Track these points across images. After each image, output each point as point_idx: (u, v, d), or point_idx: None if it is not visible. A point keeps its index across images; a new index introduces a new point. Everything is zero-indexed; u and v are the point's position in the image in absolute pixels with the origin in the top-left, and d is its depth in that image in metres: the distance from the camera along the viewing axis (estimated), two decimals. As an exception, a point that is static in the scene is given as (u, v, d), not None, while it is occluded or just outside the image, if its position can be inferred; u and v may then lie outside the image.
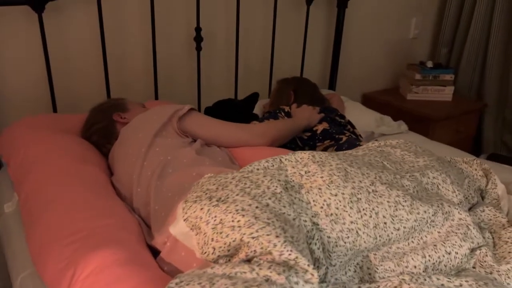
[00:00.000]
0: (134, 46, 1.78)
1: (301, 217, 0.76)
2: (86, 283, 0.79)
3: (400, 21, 2.63)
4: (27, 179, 1.14)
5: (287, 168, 0.88)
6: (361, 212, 0.81)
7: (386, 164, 0.96)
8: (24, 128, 1.39)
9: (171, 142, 1.20)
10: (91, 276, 0.79)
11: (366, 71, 2.63)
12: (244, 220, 0.67)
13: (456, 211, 0.87)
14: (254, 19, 2.04)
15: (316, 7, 2.22)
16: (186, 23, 1.86)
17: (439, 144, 1.87)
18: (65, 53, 1.64)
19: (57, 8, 1.58)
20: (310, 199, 0.81)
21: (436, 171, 0.96)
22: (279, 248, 0.64)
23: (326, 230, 0.79)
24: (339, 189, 0.82)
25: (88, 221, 0.94)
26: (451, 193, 0.94)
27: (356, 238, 0.80)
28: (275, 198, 0.74)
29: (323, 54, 2.38)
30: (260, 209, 0.70)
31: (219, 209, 0.69)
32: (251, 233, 0.66)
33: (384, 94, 2.64)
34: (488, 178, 1.18)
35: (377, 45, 2.60)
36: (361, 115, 1.99)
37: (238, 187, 0.76)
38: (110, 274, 0.78)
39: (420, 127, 2.36)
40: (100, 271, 0.79)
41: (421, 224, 0.84)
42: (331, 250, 0.79)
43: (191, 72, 1.96)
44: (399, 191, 0.85)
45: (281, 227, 0.68)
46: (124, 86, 1.81)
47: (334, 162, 0.88)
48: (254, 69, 2.14)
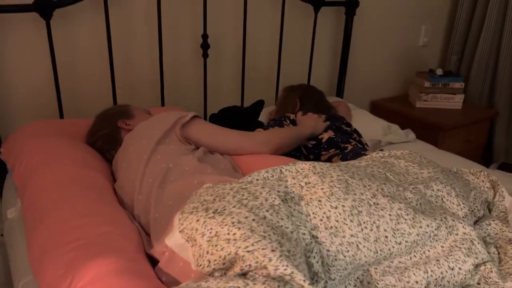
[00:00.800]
0: (141, 52, 1.78)
1: (299, 230, 0.75)
2: (84, 291, 0.78)
3: (409, 28, 2.61)
4: (30, 185, 1.14)
5: (287, 179, 0.86)
6: (361, 225, 0.79)
7: (389, 176, 0.94)
8: (29, 134, 1.40)
9: (173, 149, 1.19)
10: (88, 285, 0.79)
11: (374, 79, 2.61)
12: (240, 233, 0.66)
13: (461, 225, 0.85)
14: (262, 26, 2.04)
15: (324, 15, 2.21)
16: (193, 30, 1.86)
17: (448, 154, 1.84)
18: (72, 59, 1.65)
19: (65, 15, 1.59)
20: (310, 211, 0.79)
21: (441, 184, 0.94)
22: (274, 263, 0.63)
23: (326, 243, 0.77)
24: (340, 202, 0.80)
25: (87, 228, 0.93)
26: (456, 206, 0.92)
27: (356, 252, 0.78)
28: (273, 211, 0.73)
29: (331, 61, 2.37)
30: (257, 221, 0.69)
31: (215, 221, 0.69)
32: (246, 246, 0.65)
33: (393, 101, 2.61)
34: (495, 190, 1.15)
35: (386, 53, 2.58)
36: (368, 123, 1.97)
37: (235, 198, 0.75)
38: (107, 285, 0.77)
39: (429, 135, 2.33)
40: (97, 280, 0.79)
41: (424, 238, 0.82)
42: (330, 264, 0.77)
43: (198, 79, 1.95)
44: (401, 204, 0.83)
45: (277, 241, 0.66)
46: (131, 92, 1.82)
47: (335, 173, 0.87)
48: (261, 76, 2.13)
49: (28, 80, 1.59)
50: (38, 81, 1.61)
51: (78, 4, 1.59)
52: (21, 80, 1.58)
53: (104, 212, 1.01)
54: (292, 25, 2.13)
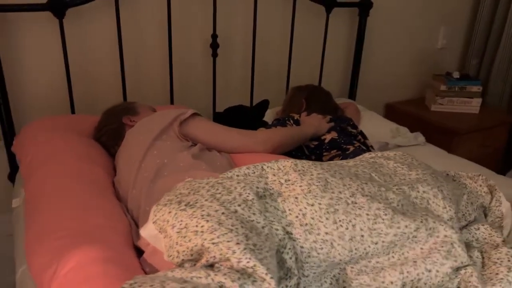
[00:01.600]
0: (152, 51, 1.82)
1: (272, 226, 0.76)
2: (65, 279, 0.81)
3: (427, 30, 2.57)
4: (33, 177, 1.19)
5: (267, 176, 0.87)
6: (337, 223, 0.79)
7: (374, 176, 0.94)
8: (38, 128, 1.45)
9: (170, 145, 1.22)
10: (70, 272, 0.82)
11: (389, 81, 2.57)
12: (207, 226, 0.68)
13: (442, 228, 0.83)
14: (273, 26, 2.05)
15: (337, 15, 2.20)
16: (203, 30, 1.89)
17: (458, 158, 1.80)
18: (84, 57, 1.71)
19: (78, 14, 1.64)
20: (286, 207, 0.80)
21: (428, 185, 0.93)
22: (237, 255, 0.64)
23: (300, 240, 0.78)
24: (316, 199, 0.81)
25: (78, 220, 0.97)
26: (441, 208, 0.90)
27: (330, 249, 0.78)
28: (245, 205, 0.74)
29: (344, 62, 2.36)
30: (226, 215, 0.70)
31: (185, 213, 0.70)
32: (212, 238, 0.66)
33: (408, 104, 2.57)
34: (493, 195, 1.13)
35: (402, 55, 2.55)
36: (377, 125, 1.95)
37: (209, 192, 0.76)
38: (87, 271, 0.80)
39: (444, 139, 2.28)
40: (79, 268, 0.82)
41: (402, 239, 0.82)
42: (303, 261, 0.78)
43: (207, 78, 1.98)
44: (380, 204, 0.83)
45: (244, 234, 0.68)
46: (141, 91, 1.86)
47: (316, 171, 0.87)
48: (271, 76, 2.15)
49: (42, 77, 1.65)
50: (52, 77, 1.67)
51: (91, 4, 1.64)
52: (35, 76, 1.64)
53: (97, 205, 1.04)
54: (303, 25, 2.13)
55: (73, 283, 0.79)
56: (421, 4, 2.47)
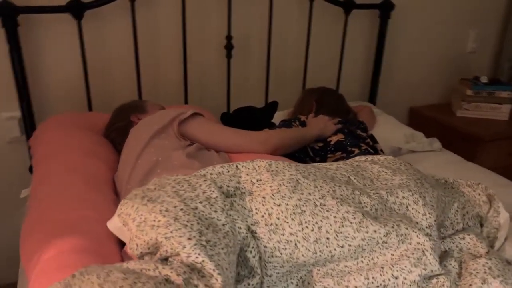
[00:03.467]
0: (168, 51, 1.87)
1: (235, 224, 0.77)
2: (45, 265, 0.86)
3: (455, 33, 2.48)
4: (37, 170, 1.26)
5: (241, 175, 0.88)
6: (302, 224, 0.79)
7: (353, 179, 0.92)
8: (53, 124, 1.53)
9: (167, 144, 1.25)
10: (50, 259, 0.86)
11: (413, 85, 2.50)
12: (163, 221, 0.70)
13: (415, 235, 0.81)
14: (290, 28, 2.05)
15: (357, 17, 2.17)
16: (220, 31, 1.92)
17: (476, 167, 1.72)
18: (102, 57, 1.78)
19: (96, 16, 1.72)
20: (253, 207, 0.81)
21: (409, 191, 0.90)
22: (187, 250, 0.66)
23: (263, 239, 0.78)
24: (284, 200, 0.81)
25: (69, 212, 1.01)
26: (421, 215, 0.88)
27: (293, 250, 0.78)
28: (207, 203, 0.75)
29: (364, 65, 2.32)
30: (185, 211, 0.72)
31: (146, 208, 0.73)
32: (165, 233, 0.68)
33: (433, 109, 2.49)
34: (491, 204, 1.08)
35: (427, 58, 2.47)
36: (391, 129, 1.90)
37: (174, 188, 0.78)
38: (63, 260, 0.85)
39: (468, 147, 2.20)
40: (57, 256, 0.86)
41: (371, 244, 0.80)
42: (266, 260, 0.78)
43: (223, 79, 2.01)
44: (350, 207, 0.81)
45: (198, 231, 0.69)
46: (157, 90, 1.92)
47: (289, 172, 0.87)
48: (288, 78, 2.15)
49: (62, 75, 1.74)
50: (71, 76, 1.75)
51: (108, 6, 1.71)
52: (56, 74, 1.73)
53: (91, 199, 1.09)
54: (321, 27, 2.12)
55: (50, 270, 0.83)
56: (449, 7, 2.39)
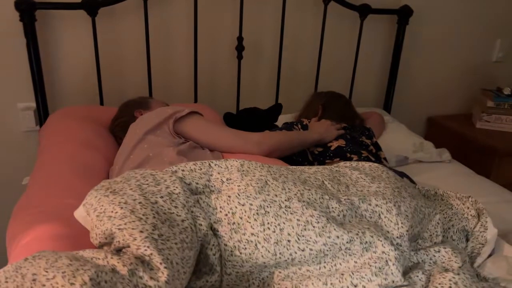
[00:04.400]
0: (180, 50, 1.90)
1: (197, 221, 0.77)
2: (22, 249, 0.89)
3: (481, 41, 2.40)
4: (39, 159, 1.31)
5: (212, 173, 0.89)
6: (264, 225, 0.79)
7: (326, 184, 0.91)
8: (62, 117, 1.58)
9: (160, 140, 1.27)
10: (28, 244, 0.90)
11: (432, 94, 2.44)
12: (120, 212, 0.71)
13: (380, 243, 0.79)
14: (303, 30, 2.04)
15: (374, 23, 2.14)
16: (232, 32, 1.94)
17: (485, 181, 1.63)
18: (115, 53, 1.83)
19: (110, 13, 1.77)
20: (218, 205, 0.81)
21: (383, 199, 0.88)
22: (137, 243, 0.67)
23: (224, 237, 0.79)
24: (249, 199, 0.81)
25: (54, 199, 1.05)
26: (393, 224, 0.86)
27: (253, 250, 0.78)
28: (168, 198, 0.77)
29: (379, 72, 2.28)
30: (143, 205, 0.73)
31: (107, 199, 0.75)
32: (119, 224, 0.70)
33: (453, 119, 2.42)
34: (480, 219, 1.04)
35: (449, 66, 2.40)
36: (400, 137, 1.86)
37: (138, 182, 0.80)
38: (38, 246, 0.88)
39: (483, 160, 2.12)
40: (33, 241, 0.90)
41: (333, 250, 0.79)
42: (226, 258, 0.78)
43: (234, 79, 2.02)
44: (315, 211, 0.81)
45: (152, 224, 0.70)
46: (168, 88, 1.95)
47: (259, 173, 0.87)
48: (299, 81, 2.14)
49: (76, 69, 1.80)
50: (85, 70, 1.81)
51: (122, 4, 1.76)
52: (70, 69, 1.79)
53: (77, 188, 1.12)
54: (336, 31, 2.10)
55: (25, 255, 0.87)
56: (475, 14, 2.31)
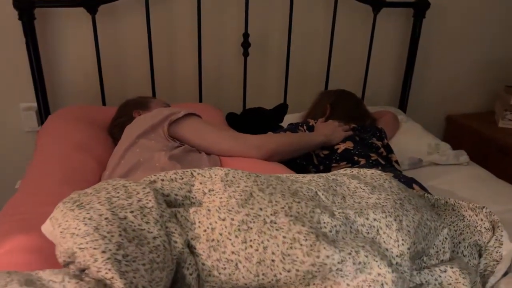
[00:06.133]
0: (184, 48, 1.84)
1: (171, 237, 0.71)
2: (-1, 260, 0.84)
3: (504, 35, 2.25)
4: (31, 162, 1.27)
5: (194, 183, 0.82)
6: (246, 243, 0.71)
7: (320, 195, 0.83)
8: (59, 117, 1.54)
9: (153, 144, 1.20)
10: (3, 255, 0.85)
11: (452, 91, 2.31)
12: (83, 229, 0.65)
13: (376, 264, 0.71)
14: (313, 25, 1.95)
15: (388, 16, 2.02)
16: (238, 28, 1.86)
17: (506, 186, 1.52)
18: (117, 52, 1.78)
19: (111, 11, 1.72)
20: (196, 219, 0.74)
21: (382, 213, 0.79)
22: (98, 264, 0.61)
23: (202, 256, 0.71)
24: (230, 214, 0.74)
25: (35, 206, 1.00)
26: (393, 241, 0.77)
27: (234, 271, 0.71)
28: (139, 212, 0.70)
29: (395, 68, 2.17)
30: (109, 221, 0.67)
31: (72, 214, 0.68)
32: (80, 243, 0.63)
33: (473, 118, 2.28)
34: (494, 232, 0.94)
35: (469, 62, 2.26)
36: (415, 138, 1.75)
37: (108, 194, 0.73)
38: (13, 258, 0.83)
39: (508, 162, 1.99)
40: (9, 253, 0.85)
41: (323, 271, 0.71)
42: (204, 279, 0.71)
43: (240, 78, 1.95)
44: (304, 227, 0.72)
45: (117, 243, 0.64)
46: (172, 87, 1.89)
47: (244, 183, 0.79)
48: (309, 79, 2.05)
49: (77, 68, 1.76)
50: (86, 69, 1.77)
51: (123, 1, 1.70)
52: (71, 68, 1.75)
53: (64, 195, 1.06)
54: (348, 26, 2.00)
55: (0, 267, 0.82)
56: (495, 6, 2.17)
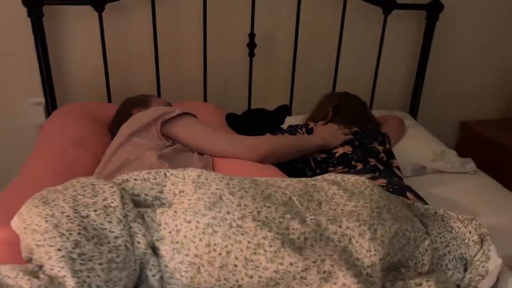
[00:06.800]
0: (190, 48, 1.84)
1: (135, 238, 0.70)
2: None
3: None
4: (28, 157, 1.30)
5: (166, 184, 0.81)
6: (210, 246, 0.70)
7: (294, 200, 0.81)
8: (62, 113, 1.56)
9: (145, 143, 1.21)
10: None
11: (466, 96, 2.23)
12: (44, 226, 0.65)
13: (341, 274, 0.68)
14: (320, 25, 1.93)
15: (399, 18, 1.97)
16: (244, 28, 1.85)
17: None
18: (123, 50, 1.80)
19: (117, 9, 1.74)
20: (162, 221, 0.74)
21: (356, 221, 0.77)
22: (52, 262, 0.61)
23: (165, 258, 0.71)
24: (196, 216, 0.73)
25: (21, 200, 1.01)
26: (365, 251, 0.74)
27: (195, 274, 0.70)
28: (102, 211, 0.70)
29: (406, 72, 2.11)
30: (70, 218, 0.67)
31: (37, 210, 0.69)
32: (38, 240, 0.64)
33: (489, 125, 2.21)
34: (482, 246, 0.90)
35: (486, 67, 2.19)
36: (419, 145, 1.71)
37: (75, 192, 0.73)
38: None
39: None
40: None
41: (287, 278, 0.69)
42: (166, 281, 0.71)
43: (246, 78, 1.94)
44: (270, 233, 0.71)
45: (75, 242, 0.64)
46: (178, 86, 1.90)
47: (215, 186, 0.78)
48: (316, 80, 2.02)
49: (84, 65, 1.79)
50: (92, 66, 1.79)
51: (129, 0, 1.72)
52: (78, 64, 1.78)
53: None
54: (357, 28, 1.96)
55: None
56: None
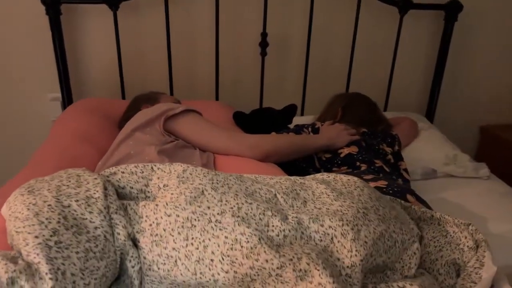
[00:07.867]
0: (202, 46, 1.86)
1: (115, 229, 0.71)
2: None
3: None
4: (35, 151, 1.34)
5: (152, 178, 0.82)
6: (188, 240, 0.71)
7: (279, 198, 0.80)
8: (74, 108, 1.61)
9: (147, 138, 1.22)
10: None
11: (486, 100, 2.16)
12: (25, 214, 0.67)
13: (317, 273, 0.67)
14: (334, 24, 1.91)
15: (416, 18, 1.94)
16: (256, 26, 1.86)
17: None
18: (138, 47, 1.83)
19: (133, 8, 1.77)
20: (144, 213, 0.74)
21: (339, 221, 0.76)
22: (28, 249, 0.63)
23: (145, 249, 0.72)
24: (176, 210, 0.73)
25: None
26: (346, 251, 0.73)
27: (172, 267, 0.70)
28: (84, 202, 0.71)
29: (423, 74, 2.07)
30: (51, 207, 0.69)
31: (22, 198, 0.71)
32: (18, 227, 0.66)
33: (510, 129, 2.13)
34: (477, 252, 0.87)
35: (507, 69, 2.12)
36: (432, 148, 1.66)
37: (60, 182, 0.75)
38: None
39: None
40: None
41: (262, 275, 0.68)
42: (145, 273, 0.72)
43: (258, 77, 1.94)
44: (247, 229, 0.71)
45: (53, 230, 0.65)
46: (191, 84, 1.92)
47: (198, 181, 0.79)
48: (329, 80, 2.01)
49: (99, 62, 1.84)
50: (107, 63, 1.84)
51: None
52: (93, 61, 1.83)
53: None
54: (372, 28, 1.93)
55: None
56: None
